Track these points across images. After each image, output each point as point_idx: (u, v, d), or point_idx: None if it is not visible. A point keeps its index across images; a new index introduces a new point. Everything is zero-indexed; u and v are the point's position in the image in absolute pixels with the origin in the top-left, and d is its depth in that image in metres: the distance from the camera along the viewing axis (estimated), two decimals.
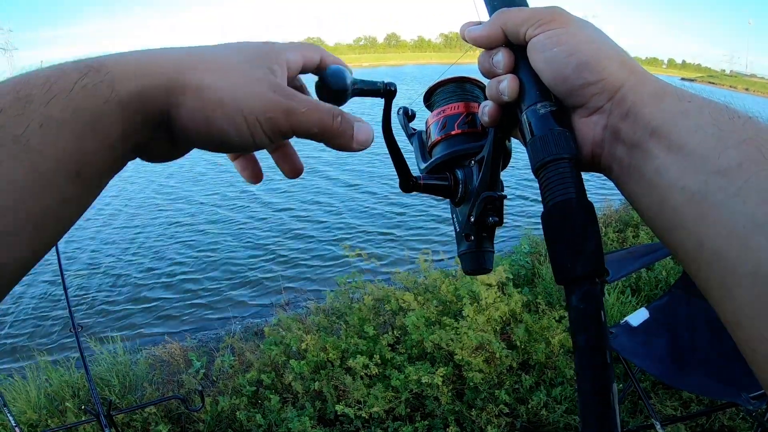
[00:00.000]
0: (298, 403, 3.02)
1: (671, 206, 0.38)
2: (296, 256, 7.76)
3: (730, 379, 2.03)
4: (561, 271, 0.40)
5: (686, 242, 0.37)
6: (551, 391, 2.89)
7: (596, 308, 0.38)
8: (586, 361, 0.37)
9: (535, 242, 5.09)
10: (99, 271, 8.18)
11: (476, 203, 0.52)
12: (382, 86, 0.56)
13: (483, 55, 0.50)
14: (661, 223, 0.40)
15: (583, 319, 0.37)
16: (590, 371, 0.36)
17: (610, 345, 1.39)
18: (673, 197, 0.38)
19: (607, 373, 0.36)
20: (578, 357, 0.37)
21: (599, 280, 0.39)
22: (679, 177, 0.37)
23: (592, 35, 0.45)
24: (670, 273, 3.98)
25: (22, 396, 3.28)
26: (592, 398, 0.36)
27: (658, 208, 0.40)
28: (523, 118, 0.46)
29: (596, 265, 0.38)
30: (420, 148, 0.64)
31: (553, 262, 0.41)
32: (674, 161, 0.38)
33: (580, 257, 0.39)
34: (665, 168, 0.38)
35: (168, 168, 15.97)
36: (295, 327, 3.57)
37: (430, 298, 3.50)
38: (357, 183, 12.16)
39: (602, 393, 0.36)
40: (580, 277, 0.38)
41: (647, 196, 0.41)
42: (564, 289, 0.40)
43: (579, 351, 0.37)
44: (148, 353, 4.24)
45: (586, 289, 0.38)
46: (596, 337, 0.37)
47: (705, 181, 0.35)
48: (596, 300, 0.38)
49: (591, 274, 0.38)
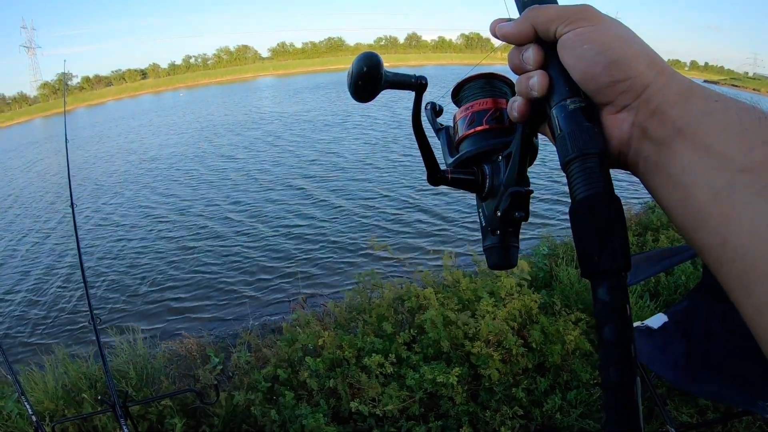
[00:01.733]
0: (312, 400, 3.03)
1: (696, 204, 0.38)
2: (316, 254, 7.81)
3: (747, 387, 2.00)
4: (588, 264, 0.40)
5: (710, 239, 0.37)
6: (567, 395, 2.86)
7: (622, 302, 0.38)
8: (611, 354, 0.37)
9: (553, 245, 5.06)
10: (121, 265, 8.31)
11: (503, 198, 0.52)
12: (414, 79, 0.56)
13: (513, 51, 0.51)
14: (685, 220, 0.40)
15: (609, 312, 0.38)
16: (615, 364, 0.37)
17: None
18: (698, 195, 0.38)
19: (631, 367, 0.37)
20: (603, 349, 0.38)
21: (624, 275, 0.39)
22: (704, 175, 0.38)
23: (621, 34, 0.45)
24: (689, 278, 3.92)
25: (40, 386, 3.34)
26: (616, 391, 0.37)
27: (682, 206, 0.40)
28: (552, 113, 0.47)
29: (623, 260, 0.39)
30: (447, 143, 0.64)
31: (580, 255, 0.41)
32: (700, 159, 0.38)
33: (607, 251, 0.39)
34: (691, 166, 0.39)
35: (194, 165, 16.21)
36: (313, 324, 3.58)
37: (450, 295, 3.50)
38: (378, 180, 12.20)
39: (626, 386, 0.36)
40: (606, 270, 0.39)
41: (672, 193, 0.41)
42: (590, 282, 0.40)
43: (604, 343, 0.38)
44: (165, 347, 4.30)
45: (613, 283, 0.39)
46: (622, 330, 0.37)
47: (730, 180, 0.36)
48: (622, 293, 0.38)
49: (617, 268, 0.39)
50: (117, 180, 15.65)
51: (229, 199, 11.59)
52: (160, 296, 6.98)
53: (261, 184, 12.76)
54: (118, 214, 11.47)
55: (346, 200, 10.61)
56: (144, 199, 12.64)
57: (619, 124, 0.45)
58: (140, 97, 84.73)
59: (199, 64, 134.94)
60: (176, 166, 16.72)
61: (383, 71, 0.55)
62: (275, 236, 8.79)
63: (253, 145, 19.19)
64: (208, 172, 15.23)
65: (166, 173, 15.75)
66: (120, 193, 13.72)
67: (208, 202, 11.62)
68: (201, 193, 12.61)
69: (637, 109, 0.43)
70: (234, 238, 8.93)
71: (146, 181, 14.82)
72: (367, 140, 18.09)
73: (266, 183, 12.78)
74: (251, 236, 8.92)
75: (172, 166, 16.75)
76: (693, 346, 2.35)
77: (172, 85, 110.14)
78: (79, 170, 17.17)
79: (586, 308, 3.51)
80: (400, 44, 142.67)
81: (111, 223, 10.78)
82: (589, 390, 2.88)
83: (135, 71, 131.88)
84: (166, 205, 11.76)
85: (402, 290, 3.68)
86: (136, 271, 7.96)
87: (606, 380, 0.37)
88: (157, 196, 12.93)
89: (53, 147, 26.34)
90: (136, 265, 8.16)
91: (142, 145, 23.25)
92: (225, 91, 63.69)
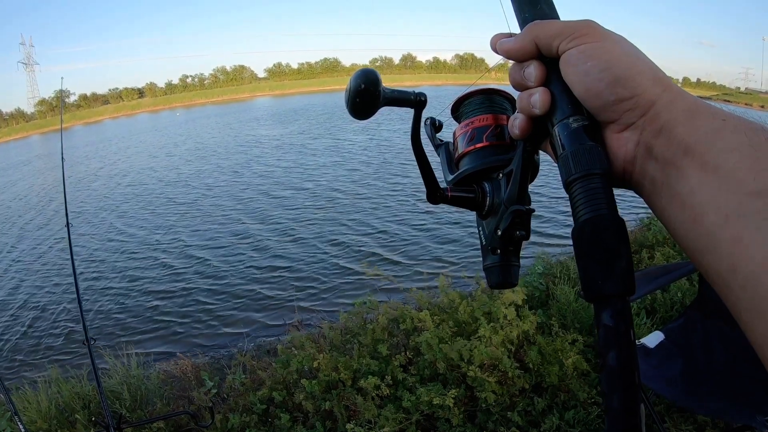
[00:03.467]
0: (308, 422, 3.00)
1: (704, 227, 0.37)
2: (311, 274, 7.76)
3: (746, 402, 1.99)
4: (591, 287, 0.39)
5: (719, 265, 0.36)
6: (564, 415, 2.84)
7: (627, 327, 0.37)
8: (615, 380, 0.36)
9: (549, 264, 5.06)
10: (114, 286, 8.25)
11: (504, 216, 0.51)
12: (413, 96, 0.56)
13: (514, 67, 0.50)
14: (693, 243, 0.39)
15: (613, 338, 0.37)
16: (620, 390, 0.36)
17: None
18: (706, 218, 0.37)
19: (635, 394, 0.36)
20: (607, 375, 0.37)
21: (628, 298, 0.38)
22: (713, 197, 0.37)
23: (626, 50, 0.44)
24: (685, 294, 3.91)
25: (33, 406, 3.31)
26: (622, 418, 0.36)
27: (690, 228, 0.39)
28: (555, 132, 0.46)
29: (627, 284, 0.38)
30: (447, 160, 0.63)
31: (583, 278, 0.40)
32: (708, 181, 0.37)
33: (611, 275, 0.38)
34: (699, 187, 0.38)
35: (189, 184, 16.19)
36: (308, 346, 3.56)
37: (446, 318, 3.48)
38: (374, 198, 12.19)
39: (631, 413, 0.36)
40: (611, 294, 0.38)
41: (679, 215, 0.40)
42: (594, 306, 0.39)
43: (608, 369, 0.37)
44: (160, 368, 4.26)
45: (618, 307, 0.38)
46: (626, 356, 0.36)
47: (740, 203, 0.35)
48: (627, 318, 0.37)
49: (622, 293, 0.38)
50: (112, 201, 15.62)
51: (225, 221, 11.56)
52: (154, 317, 6.92)
53: (255, 204, 12.75)
54: (114, 234, 11.43)
55: (341, 221, 10.60)
56: (140, 220, 12.61)
57: (623, 143, 0.44)
58: (137, 116, 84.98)
59: (196, 83, 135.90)
60: (171, 186, 16.71)
61: (382, 88, 0.54)
62: (269, 258, 8.75)
63: (247, 166, 19.21)
64: (205, 190, 15.23)
65: (164, 196, 15.72)
66: (116, 212, 13.69)
67: (203, 222, 11.58)
68: (194, 214, 12.57)
69: (643, 128, 0.43)
70: (228, 259, 8.89)
71: (142, 203, 14.79)
72: (358, 162, 18.14)
73: (260, 203, 12.78)
74: (244, 258, 8.88)
75: (167, 187, 16.74)
76: (690, 362, 2.34)
77: (169, 104, 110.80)
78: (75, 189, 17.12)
79: (584, 328, 3.50)
80: (396, 65, 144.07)
81: (105, 242, 10.74)
82: (587, 409, 2.86)
83: (132, 90, 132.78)
84: (161, 228, 11.73)
85: (397, 312, 3.66)
86: (131, 291, 7.90)
87: (609, 407, 0.36)
88: (153, 216, 12.91)
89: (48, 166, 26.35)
90: (131, 286, 8.11)
91: (144, 165, 23.24)
92: (222, 111, 63.91)
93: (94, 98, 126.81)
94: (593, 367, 3.11)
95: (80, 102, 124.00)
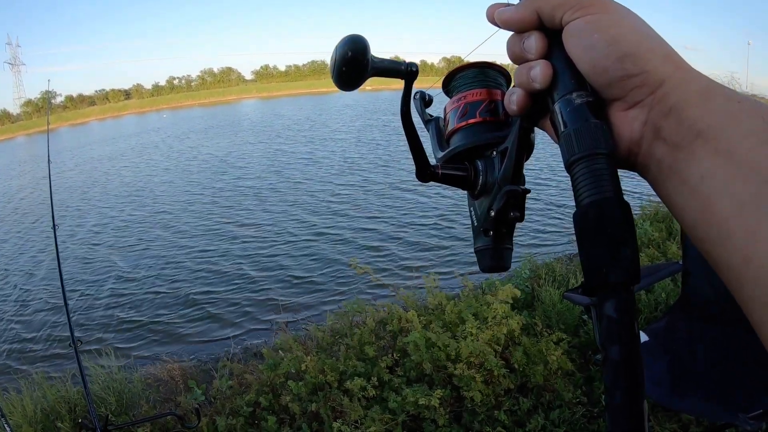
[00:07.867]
0: (295, 424, 3.00)
1: (717, 216, 0.35)
2: (298, 276, 7.75)
3: (729, 401, 2.02)
4: (595, 276, 0.37)
5: (731, 256, 0.34)
6: (549, 414, 2.86)
7: (631, 318, 0.35)
8: (619, 375, 0.35)
9: (535, 266, 5.08)
10: (100, 288, 8.18)
11: (498, 196, 0.49)
12: (404, 66, 0.53)
13: (513, 39, 0.47)
14: (702, 232, 0.37)
15: (616, 330, 0.35)
16: (624, 386, 0.34)
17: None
18: (719, 206, 0.35)
19: (640, 390, 0.34)
20: (610, 370, 0.35)
21: (632, 288, 0.36)
22: (727, 184, 0.34)
23: (635, 24, 0.41)
24: (670, 295, 3.95)
25: (19, 410, 3.27)
26: (625, 415, 0.34)
27: (700, 216, 0.37)
28: (556, 108, 0.43)
29: (633, 272, 0.36)
30: (437, 136, 0.60)
31: (585, 265, 0.38)
32: (722, 167, 0.35)
33: (617, 262, 0.36)
34: (711, 173, 0.35)
35: (175, 185, 16.09)
36: (295, 348, 3.56)
37: (433, 319, 3.49)
38: (361, 200, 12.16)
39: (636, 410, 0.34)
40: (616, 284, 0.36)
41: (689, 202, 0.38)
42: (595, 296, 0.37)
43: (611, 363, 0.35)
44: (146, 372, 4.23)
45: (622, 297, 0.36)
46: (630, 350, 0.35)
47: (756, 191, 0.33)
48: (632, 310, 0.36)
49: (627, 282, 0.36)
50: (99, 202, 15.49)
51: (210, 222, 11.50)
52: (140, 320, 6.86)
53: (241, 204, 12.70)
54: (100, 237, 11.33)
55: (327, 221, 10.59)
56: (126, 219, 12.51)
57: (629, 122, 0.42)
58: (124, 118, 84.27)
59: (183, 85, 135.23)
60: (162, 185, 16.61)
61: (370, 57, 0.50)
62: (255, 258, 8.72)
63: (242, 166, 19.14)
64: (196, 190, 15.15)
65: (152, 194, 15.61)
66: (102, 214, 13.57)
67: (189, 224, 11.52)
68: (184, 214, 12.50)
69: (651, 106, 0.40)
70: (214, 260, 8.84)
71: (129, 202, 14.68)
72: (344, 157, 18.17)
73: (247, 204, 12.74)
74: (231, 258, 8.84)
75: (157, 187, 16.63)
76: (674, 362, 2.37)
77: (155, 106, 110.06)
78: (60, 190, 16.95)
79: (568, 328, 3.53)
80: None
81: (93, 247, 10.64)
82: (572, 409, 2.89)
83: (119, 91, 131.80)
84: (148, 225, 11.65)
85: (384, 313, 3.66)
86: (117, 294, 7.84)
87: (611, 403, 0.35)
88: (142, 213, 12.83)
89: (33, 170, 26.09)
90: (117, 288, 8.05)
91: (135, 165, 23.06)
92: (209, 113, 63.57)
93: (81, 99, 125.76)
94: (578, 367, 3.14)
95: (66, 103, 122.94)
